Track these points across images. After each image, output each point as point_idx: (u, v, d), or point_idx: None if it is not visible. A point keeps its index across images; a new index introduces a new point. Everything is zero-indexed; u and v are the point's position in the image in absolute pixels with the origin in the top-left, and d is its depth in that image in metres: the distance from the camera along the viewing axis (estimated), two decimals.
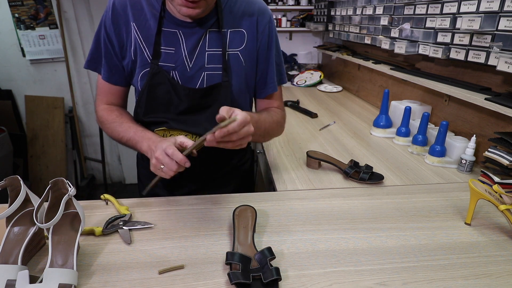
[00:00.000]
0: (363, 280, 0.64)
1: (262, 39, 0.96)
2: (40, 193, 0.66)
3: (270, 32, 0.97)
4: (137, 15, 0.90)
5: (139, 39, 0.91)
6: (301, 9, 3.00)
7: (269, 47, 0.98)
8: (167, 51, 0.91)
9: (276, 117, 1.02)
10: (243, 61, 0.95)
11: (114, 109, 0.98)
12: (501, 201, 0.79)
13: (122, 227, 0.77)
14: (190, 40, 0.91)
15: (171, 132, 0.98)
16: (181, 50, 0.90)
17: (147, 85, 0.92)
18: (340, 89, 2.46)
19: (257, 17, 0.94)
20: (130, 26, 0.90)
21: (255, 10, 0.94)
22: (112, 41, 0.92)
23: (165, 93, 0.92)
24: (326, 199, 0.94)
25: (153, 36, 0.90)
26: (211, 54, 0.92)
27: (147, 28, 0.90)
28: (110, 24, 0.91)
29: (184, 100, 0.93)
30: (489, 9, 1.05)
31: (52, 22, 2.85)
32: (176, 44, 0.91)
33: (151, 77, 0.91)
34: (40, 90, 3.03)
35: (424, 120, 1.24)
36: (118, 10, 0.90)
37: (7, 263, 0.61)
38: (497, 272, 0.67)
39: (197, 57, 0.91)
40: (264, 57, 0.98)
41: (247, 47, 0.94)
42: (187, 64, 0.91)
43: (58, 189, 0.68)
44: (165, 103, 0.94)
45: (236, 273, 0.61)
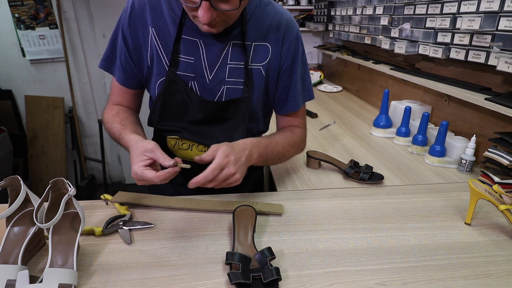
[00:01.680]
0: (363, 280, 0.64)
1: (287, 56, 0.91)
2: (40, 193, 0.66)
3: (296, 49, 0.92)
4: (156, 19, 0.86)
5: (157, 45, 0.87)
6: (301, 9, 3.01)
7: (293, 64, 0.92)
8: (186, 60, 0.87)
9: (292, 138, 0.97)
10: (265, 76, 0.91)
11: (114, 109, 0.95)
12: (501, 201, 0.79)
13: (122, 227, 0.77)
14: (211, 51, 0.86)
15: (183, 141, 0.96)
16: (201, 61, 0.86)
17: (163, 92, 0.88)
18: (340, 89, 2.46)
19: (284, 32, 0.89)
20: (148, 31, 0.86)
21: (282, 24, 0.89)
22: (128, 43, 0.89)
23: (180, 102, 0.89)
24: (326, 199, 0.94)
25: (172, 43, 0.85)
26: (233, 67, 0.88)
27: (166, 34, 0.86)
28: (127, 26, 0.87)
29: (200, 111, 0.90)
30: (489, 9, 1.05)
31: (52, 22, 2.85)
32: (196, 54, 0.86)
33: (167, 85, 0.87)
34: (40, 90, 3.03)
35: (424, 120, 1.24)
36: (136, 12, 0.86)
37: (7, 263, 0.61)
38: (497, 272, 0.67)
39: (218, 70, 0.87)
40: (288, 74, 0.93)
41: (271, 63, 0.90)
42: (207, 76, 0.88)
43: (58, 189, 0.68)
44: (179, 112, 0.91)
45: (236, 273, 0.61)
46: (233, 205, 0.85)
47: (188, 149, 0.95)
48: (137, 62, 0.91)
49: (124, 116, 0.92)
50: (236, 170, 0.75)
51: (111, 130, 0.90)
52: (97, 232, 0.75)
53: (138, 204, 0.87)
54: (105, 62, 0.95)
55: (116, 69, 0.93)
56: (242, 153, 0.80)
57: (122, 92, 0.96)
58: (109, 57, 0.94)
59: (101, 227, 0.76)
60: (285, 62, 0.91)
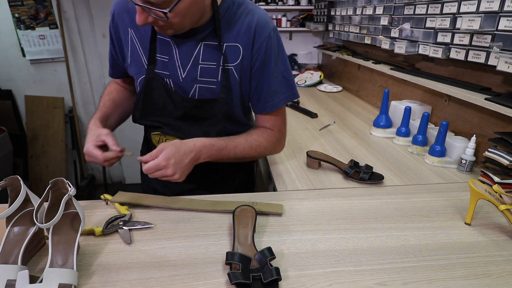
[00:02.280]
0: (363, 280, 0.64)
1: (257, 57, 0.90)
2: (40, 193, 0.66)
3: (269, 49, 0.90)
4: (134, 21, 0.90)
5: (137, 45, 0.94)
6: (301, 9, 3.00)
7: (265, 64, 0.91)
8: (162, 59, 0.91)
9: (258, 141, 0.97)
10: (237, 77, 0.91)
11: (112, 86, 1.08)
12: (501, 201, 0.79)
13: (122, 227, 0.77)
14: (182, 51, 0.89)
15: (166, 137, 1.01)
16: (174, 60, 0.90)
17: (143, 89, 0.94)
18: (340, 89, 2.46)
19: (255, 33, 0.88)
20: (128, 32, 0.94)
21: (253, 25, 0.88)
22: (114, 43, 0.99)
23: (160, 97, 0.94)
24: (326, 199, 0.94)
25: (148, 43, 0.91)
26: (205, 67, 0.90)
27: (143, 34, 0.92)
28: (112, 29, 0.97)
29: (178, 107, 0.94)
30: (489, 9, 1.05)
31: (52, 22, 2.85)
32: (169, 53, 0.91)
33: (147, 82, 0.93)
34: (40, 90, 3.03)
35: (424, 120, 1.24)
36: (117, 16, 0.95)
37: (7, 263, 0.61)
38: (497, 272, 0.67)
39: (190, 69, 0.90)
40: (259, 74, 0.92)
41: (242, 64, 0.90)
42: (180, 75, 0.91)
43: (58, 189, 0.68)
44: (160, 108, 0.96)
45: (236, 273, 0.61)
46: (233, 205, 0.85)
47: None
48: (121, 59, 1.01)
49: (111, 97, 1.04)
50: (174, 172, 0.82)
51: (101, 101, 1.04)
52: (97, 232, 0.75)
53: (138, 204, 0.87)
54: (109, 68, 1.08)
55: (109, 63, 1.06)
56: (187, 155, 0.85)
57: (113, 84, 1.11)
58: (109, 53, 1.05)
59: (101, 227, 0.76)
60: (256, 62, 0.91)
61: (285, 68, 0.96)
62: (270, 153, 1.07)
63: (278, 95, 0.96)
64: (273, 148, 1.04)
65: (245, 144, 0.96)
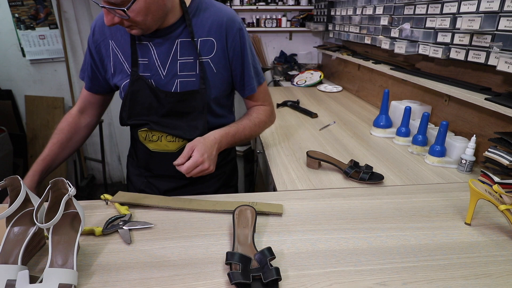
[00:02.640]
0: (363, 280, 0.64)
1: (234, 49, 1.00)
2: (40, 193, 0.66)
3: (242, 40, 1.01)
4: (113, 32, 0.99)
5: (118, 54, 1.00)
6: (301, 9, 3.01)
7: (242, 54, 1.02)
8: (142, 62, 0.98)
9: (258, 117, 1.11)
10: (213, 69, 1.00)
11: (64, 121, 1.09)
12: (501, 201, 0.79)
13: (122, 227, 0.77)
14: (161, 50, 0.97)
15: (153, 132, 1.04)
16: (154, 60, 0.97)
17: (129, 91, 0.99)
18: (340, 89, 2.46)
19: (226, 28, 0.98)
20: (108, 44, 1.00)
21: (223, 21, 0.98)
22: (94, 57, 1.03)
23: (145, 97, 1.00)
24: (326, 199, 0.94)
25: (128, 49, 0.98)
26: (183, 62, 0.97)
27: (123, 42, 0.98)
28: (92, 44, 1.02)
29: (163, 104, 0.99)
30: (489, 9, 1.05)
31: (52, 22, 2.85)
32: (148, 55, 0.97)
33: (131, 83, 0.98)
34: (40, 90, 3.03)
35: (424, 120, 1.24)
36: (97, 30, 1.01)
37: (7, 263, 0.61)
38: (497, 272, 0.67)
39: (170, 66, 0.97)
40: (239, 64, 1.03)
41: (218, 55, 0.99)
42: (161, 73, 0.98)
43: (58, 189, 0.68)
44: (146, 107, 1.01)
45: (236, 273, 0.61)
46: (233, 205, 0.85)
47: (158, 140, 1.05)
48: (103, 71, 1.05)
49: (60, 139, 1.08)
50: (209, 164, 0.91)
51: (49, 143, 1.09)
52: (97, 232, 0.75)
53: (138, 204, 0.87)
54: (81, 72, 1.10)
55: (86, 79, 1.08)
56: (213, 147, 0.95)
57: (88, 98, 1.11)
58: (83, 68, 1.09)
59: (101, 227, 0.76)
60: (234, 53, 1.01)
61: (254, 56, 1.09)
62: (269, 125, 1.18)
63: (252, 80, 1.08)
64: (270, 120, 1.17)
65: (250, 123, 1.08)
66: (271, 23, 2.99)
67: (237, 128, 1.04)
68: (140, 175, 1.16)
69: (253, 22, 3.01)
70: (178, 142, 1.04)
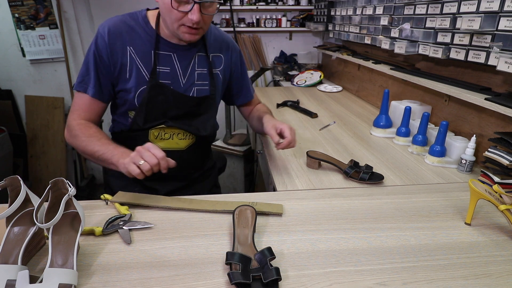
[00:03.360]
0: (363, 280, 0.64)
1: (236, 64, 1.23)
2: (40, 193, 0.66)
3: (241, 61, 1.26)
4: (132, 40, 1.03)
5: (137, 60, 1.03)
6: (301, 9, 3.00)
7: (241, 71, 1.26)
8: (163, 70, 1.06)
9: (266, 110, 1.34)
10: (221, 79, 1.18)
11: (92, 126, 1.04)
12: (501, 201, 0.79)
13: (122, 227, 0.77)
14: (183, 61, 1.08)
15: (166, 131, 1.11)
16: (175, 69, 1.07)
17: (147, 96, 1.04)
18: (340, 89, 2.46)
19: (231, 48, 1.21)
20: (126, 49, 1.03)
21: (229, 42, 1.20)
22: (105, 61, 1.02)
23: (163, 102, 1.06)
24: (326, 199, 0.94)
25: (150, 58, 1.04)
26: (199, 73, 1.12)
27: (143, 50, 1.04)
28: (106, 48, 1.01)
29: (180, 107, 1.09)
30: (489, 9, 1.05)
31: (52, 22, 2.85)
32: (171, 64, 1.07)
33: (150, 89, 1.04)
34: (40, 90, 3.03)
35: (424, 120, 1.24)
36: (114, 35, 1.02)
37: (7, 263, 0.61)
38: (497, 272, 0.67)
39: (189, 75, 1.10)
40: (240, 78, 1.26)
41: (224, 69, 1.19)
42: (181, 81, 1.09)
43: (58, 189, 0.68)
44: (163, 111, 1.08)
45: (236, 273, 0.61)
46: (233, 205, 0.85)
47: (170, 138, 1.12)
48: (116, 77, 1.05)
49: (106, 135, 1.03)
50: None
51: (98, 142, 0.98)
52: (97, 232, 0.75)
53: (138, 204, 0.87)
54: (81, 84, 1.04)
55: (91, 87, 1.04)
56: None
57: (92, 107, 1.06)
58: (84, 79, 1.04)
59: (101, 227, 0.76)
60: (235, 68, 1.24)
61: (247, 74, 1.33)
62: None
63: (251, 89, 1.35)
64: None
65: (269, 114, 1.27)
66: (271, 23, 2.99)
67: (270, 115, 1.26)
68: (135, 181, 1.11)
69: (253, 22, 3.01)
70: (188, 139, 1.14)
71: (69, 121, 1.05)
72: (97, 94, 1.04)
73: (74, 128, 1.02)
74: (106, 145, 0.96)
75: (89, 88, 1.03)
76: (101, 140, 0.99)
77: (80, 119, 1.04)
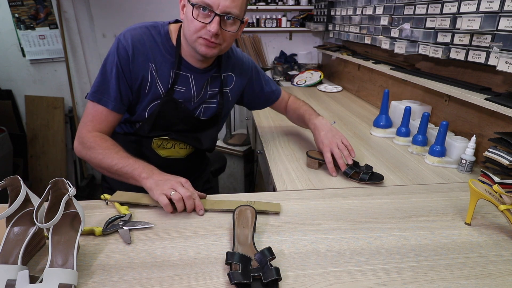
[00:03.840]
0: (363, 280, 0.64)
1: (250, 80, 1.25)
2: (40, 193, 0.66)
3: (257, 77, 1.27)
4: (155, 56, 1.02)
5: (156, 77, 1.03)
6: (301, 9, 3.01)
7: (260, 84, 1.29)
8: (179, 90, 1.07)
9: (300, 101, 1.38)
10: (230, 97, 1.20)
11: (108, 139, 1.00)
12: (501, 201, 0.79)
13: (122, 227, 0.77)
14: (199, 83, 1.09)
15: (169, 141, 1.12)
16: (190, 90, 1.08)
17: (158, 110, 1.05)
18: (340, 89, 2.46)
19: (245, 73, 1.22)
20: (148, 65, 1.02)
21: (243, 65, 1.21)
22: (129, 75, 1.00)
23: (171, 117, 1.08)
24: (326, 199, 0.94)
25: (168, 76, 1.04)
26: (211, 92, 1.13)
27: (163, 69, 1.03)
28: (128, 60, 0.99)
29: (187, 124, 1.11)
30: (489, 9, 1.05)
31: (52, 22, 2.85)
32: (187, 85, 1.07)
33: (163, 103, 1.05)
34: (40, 90, 3.04)
35: (424, 120, 1.24)
36: (138, 49, 1.00)
37: (7, 263, 0.61)
38: (497, 272, 0.67)
39: (202, 95, 1.11)
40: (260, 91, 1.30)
41: (234, 88, 1.20)
42: (193, 100, 1.10)
43: (58, 189, 0.68)
44: (170, 124, 1.09)
45: (236, 273, 0.61)
46: (231, 205, 0.85)
47: (171, 147, 1.14)
48: (134, 90, 1.03)
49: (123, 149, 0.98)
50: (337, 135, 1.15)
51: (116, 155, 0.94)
52: (97, 232, 0.75)
53: (138, 204, 0.87)
54: (96, 93, 1.00)
55: (110, 99, 1.00)
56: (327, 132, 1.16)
57: (109, 119, 1.02)
58: (100, 89, 1.00)
59: (101, 227, 0.76)
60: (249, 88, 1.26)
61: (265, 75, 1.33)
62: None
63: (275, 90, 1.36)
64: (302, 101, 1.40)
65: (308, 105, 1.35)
66: (271, 23, 2.99)
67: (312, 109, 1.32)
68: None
69: (253, 22, 3.01)
70: (188, 149, 1.17)
71: (81, 132, 1.00)
72: (117, 108, 1.01)
73: (89, 140, 0.97)
74: (125, 158, 0.93)
75: (109, 101, 1.00)
76: (119, 153, 0.95)
77: (95, 131, 1.00)
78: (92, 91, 1.01)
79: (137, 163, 0.92)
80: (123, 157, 0.94)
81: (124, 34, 1.00)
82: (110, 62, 1.00)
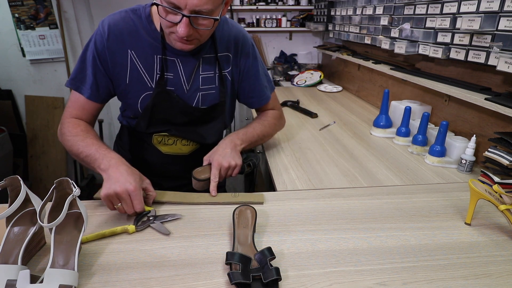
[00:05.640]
0: (363, 280, 0.64)
1: (245, 64, 1.09)
2: (40, 193, 0.66)
3: (254, 56, 1.11)
4: (134, 42, 0.96)
5: (138, 65, 0.97)
6: (301, 9, 3.01)
7: (254, 69, 1.12)
8: (168, 76, 0.99)
9: (268, 120, 1.18)
10: (230, 79, 1.09)
11: (82, 124, 0.97)
12: (501, 201, 0.79)
13: (154, 221, 0.79)
14: (187, 67, 1.00)
15: (169, 137, 1.08)
16: (179, 76, 1.00)
17: (151, 103, 1.00)
18: (340, 89, 2.46)
19: (242, 44, 1.07)
20: (126, 52, 0.96)
21: (239, 37, 1.06)
22: (106, 63, 0.96)
23: (168, 109, 1.02)
24: (326, 199, 0.94)
25: (152, 62, 0.97)
26: (205, 77, 1.03)
27: (145, 55, 0.96)
28: (104, 47, 0.95)
29: (185, 115, 1.04)
30: (489, 9, 1.05)
31: (52, 22, 2.85)
32: (174, 70, 0.99)
33: (156, 95, 0.99)
34: (40, 90, 3.03)
35: (424, 120, 1.24)
36: (114, 35, 0.95)
37: (7, 263, 0.61)
38: (497, 272, 0.67)
39: (193, 81, 1.02)
40: (253, 76, 1.12)
41: (232, 69, 1.08)
42: (185, 87, 1.02)
43: (63, 189, 0.68)
44: (168, 117, 1.04)
45: (236, 273, 0.61)
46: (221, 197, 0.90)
47: (173, 144, 1.10)
48: (114, 79, 0.99)
49: (95, 135, 0.96)
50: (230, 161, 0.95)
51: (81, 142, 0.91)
52: (131, 230, 0.76)
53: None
54: (74, 81, 0.98)
55: (86, 86, 0.98)
56: (225, 149, 0.99)
57: (86, 107, 1.00)
58: (77, 76, 0.98)
59: (133, 225, 0.77)
60: (245, 69, 1.10)
61: (263, 67, 1.17)
62: (279, 127, 1.27)
63: (266, 89, 1.18)
64: (279, 122, 1.25)
65: (260, 125, 1.15)
66: (271, 23, 2.99)
67: (247, 129, 1.12)
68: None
69: (253, 22, 3.01)
70: (191, 145, 1.12)
71: (62, 118, 0.99)
72: (93, 96, 0.98)
73: (63, 126, 0.96)
74: (89, 146, 0.89)
75: (85, 89, 0.97)
76: (86, 140, 0.91)
77: (72, 117, 0.98)
78: (71, 77, 0.99)
79: (99, 152, 0.87)
80: (88, 145, 0.89)
81: (102, 21, 0.97)
82: (87, 49, 0.97)
